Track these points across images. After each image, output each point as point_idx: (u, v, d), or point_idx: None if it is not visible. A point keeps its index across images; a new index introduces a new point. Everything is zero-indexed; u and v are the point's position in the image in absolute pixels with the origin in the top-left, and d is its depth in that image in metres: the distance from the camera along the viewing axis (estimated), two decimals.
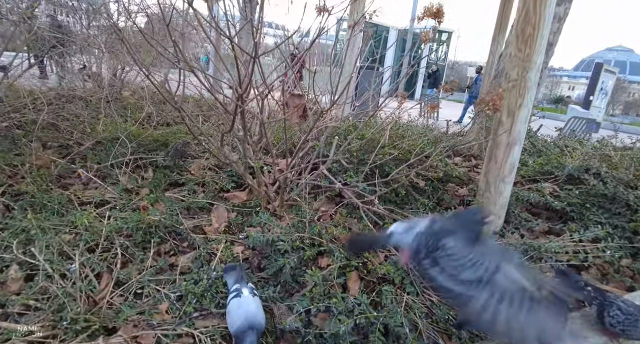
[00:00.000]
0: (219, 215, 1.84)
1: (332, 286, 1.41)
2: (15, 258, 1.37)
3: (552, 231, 1.97)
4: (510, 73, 1.80)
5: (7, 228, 1.57)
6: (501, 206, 1.92)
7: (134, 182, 2.14)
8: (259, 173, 1.92)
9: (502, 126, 1.83)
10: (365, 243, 1.39)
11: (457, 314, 1.38)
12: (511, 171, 1.88)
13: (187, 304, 1.32)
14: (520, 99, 1.78)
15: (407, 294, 1.43)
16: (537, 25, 1.71)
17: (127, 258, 1.53)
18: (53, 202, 1.79)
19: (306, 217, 1.69)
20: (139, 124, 2.99)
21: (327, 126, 1.84)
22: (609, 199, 1.91)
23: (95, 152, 2.36)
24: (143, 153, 2.37)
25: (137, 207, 1.88)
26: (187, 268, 1.52)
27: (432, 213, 2.04)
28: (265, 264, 1.54)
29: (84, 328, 1.14)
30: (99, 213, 1.77)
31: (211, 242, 1.67)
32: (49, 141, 2.54)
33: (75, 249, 1.45)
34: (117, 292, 1.35)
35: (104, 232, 1.55)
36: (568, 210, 1.92)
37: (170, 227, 1.70)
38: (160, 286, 1.41)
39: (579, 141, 3.01)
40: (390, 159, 2.00)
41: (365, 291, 1.44)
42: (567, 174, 2.15)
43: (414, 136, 2.68)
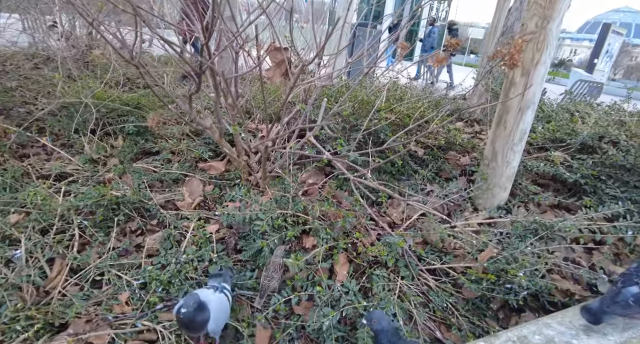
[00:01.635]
0: (193, 189, 1.65)
1: (316, 271, 1.24)
2: None
3: (560, 204, 1.80)
4: (528, 23, 1.54)
5: None
6: (508, 177, 1.74)
7: (102, 151, 1.92)
8: (238, 140, 1.70)
9: (515, 87, 1.60)
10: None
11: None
12: (522, 138, 1.67)
13: (151, 293, 1.15)
14: (537, 54, 1.54)
15: (401, 278, 1.27)
16: None
17: (85, 240, 1.35)
18: (6, 176, 1.58)
19: (290, 191, 1.50)
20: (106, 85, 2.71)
21: (315, 86, 1.60)
22: (627, 170, 1.72)
23: (58, 118, 2.11)
24: (112, 119, 2.13)
25: (102, 181, 1.68)
26: (154, 250, 1.35)
27: (431, 184, 1.85)
28: (243, 246, 1.37)
29: (27, 327, 0.98)
30: (57, 188, 1.57)
31: (183, 220, 1.48)
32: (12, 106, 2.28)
33: (23, 231, 1.27)
34: (71, 280, 1.18)
35: (59, 211, 1.35)
36: (582, 182, 1.73)
37: (137, 203, 1.51)
38: (123, 271, 1.24)
39: (590, 105, 2.77)
40: (386, 125, 1.78)
41: (355, 276, 1.28)
42: (580, 142, 1.94)
43: (413, 98, 2.44)
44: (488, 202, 1.77)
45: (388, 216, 1.58)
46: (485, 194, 1.74)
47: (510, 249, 1.32)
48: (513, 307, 1.20)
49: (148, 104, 2.25)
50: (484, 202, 1.77)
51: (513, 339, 0.96)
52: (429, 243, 1.43)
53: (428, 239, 1.43)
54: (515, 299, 1.16)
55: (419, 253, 1.33)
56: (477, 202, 1.78)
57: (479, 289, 1.21)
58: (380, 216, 1.56)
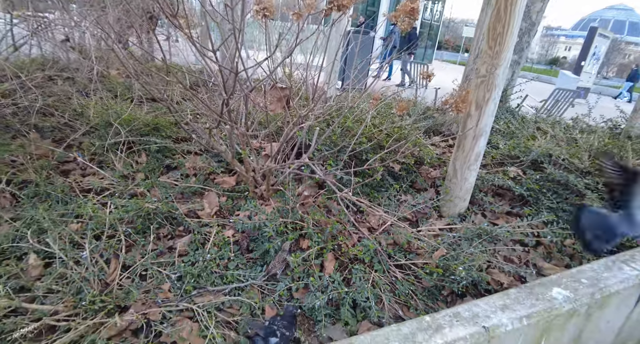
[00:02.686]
0: (211, 200, 2.02)
1: (310, 266, 1.63)
2: (31, 247, 1.55)
3: (512, 212, 2.20)
4: (480, 69, 1.93)
5: (18, 218, 1.74)
6: (466, 190, 2.13)
7: (129, 167, 2.29)
8: (246, 160, 2.08)
9: (471, 118, 1.99)
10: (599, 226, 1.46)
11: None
12: (476, 159, 2.06)
13: (186, 283, 1.54)
14: (488, 93, 1.93)
15: (374, 271, 1.67)
16: (507, 24, 1.82)
17: (130, 243, 1.72)
18: (56, 191, 1.94)
19: (289, 203, 1.89)
20: (127, 101, 3.07)
21: (309, 118, 1.97)
22: (562, 185, 2.12)
23: (89, 138, 2.48)
24: (135, 137, 2.50)
25: (134, 194, 2.06)
26: (184, 251, 1.73)
27: (405, 195, 2.24)
28: (253, 247, 1.75)
29: (101, 308, 1.36)
30: (100, 201, 1.94)
31: (204, 227, 1.86)
32: (43, 126, 2.64)
33: (84, 237, 1.64)
34: (124, 275, 1.56)
35: (108, 221, 1.73)
36: (526, 194, 2.13)
37: (166, 213, 1.88)
38: (162, 267, 1.62)
39: (553, 122, 3.17)
40: (369, 147, 2.16)
41: (339, 270, 1.67)
42: (531, 159, 2.34)
43: (394, 116, 2.82)
44: (451, 211, 2.16)
45: (368, 222, 1.97)
46: (448, 204, 2.13)
47: (457, 250, 1.72)
48: (457, 293, 1.60)
49: (166, 124, 2.62)
50: (447, 210, 2.16)
51: (450, 314, 1.35)
52: (398, 244, 1.82)
53: (397, 241, 1.82)
54: (458, 287, 1.56)
55: (389, 252, 1.73)
56: (442, 210, 2.18)
57: (432, 279, 1.61)
58: (361, 223, 1.95)
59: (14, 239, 1.63)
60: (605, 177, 1.53)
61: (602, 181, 1.82)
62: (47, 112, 2.87)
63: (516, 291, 1.46)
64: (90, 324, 1.29)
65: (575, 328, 1.51)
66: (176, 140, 2.65)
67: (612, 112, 3.67)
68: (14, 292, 1.36)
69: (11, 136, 2.50)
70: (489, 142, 2.79)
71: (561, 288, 1.48)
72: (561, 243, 1.91)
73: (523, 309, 1.37)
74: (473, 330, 1.25)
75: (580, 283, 1.51)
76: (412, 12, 1.72)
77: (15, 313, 1.31)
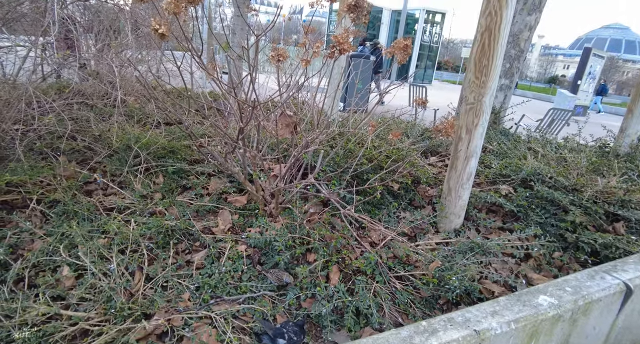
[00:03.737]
0: (224, 218, 2.19)
1: (317, 278, 1.78)
2: (64, 260, 1.72)
3: (504, 227, 2.35)
4: (468, 97, 2.12)
5: (51, 234, 1.91)
6: (461, 207, 2.29)
7: (147, 188, 2.48)
8: (256, 180, 2.27)
9: (462, 141, 2.17)
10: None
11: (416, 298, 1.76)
12: (469, 179, 2.23)
13: (204, 293, 1.69)
14: (476, 119, 2.12)
15: (376, 282, 1.81)
16: (491, 57, 2.03)
17: (151, 257, 1.88)
18: (83, 210, 2.12)
19: (297, 220, 2.05)
20: (143, 126, 3.29)
21: (314, 141, 2.16)
22: (549, 201, 2.28)
23: (111, 160, 2.68)
24: (153, 160, 2.69)
25: (154, 212, 2.23)
26: (201, 264, 1.89)
27: (404, 212, 2.41)
28: (264, 260, 1.91)
29: (129, 315, 1.51)
30: (123, 218, 2.12)
31: (219, 242, 2.03)
32: (65, 149, 2.85)
33: (111, 251, 1.81)
34: (147, 286, 1.71)
35: (131, 236, 1.89)
36: (516, 211, 2.29)
37: (184, 229, 2.05)
38: (181, 279, 1.77)
39: (545, 142, 3.35)
40: (369, 167, 2.34)
41: (343, 281, 1.82)
42: (521, 178, 2.51)
43: (394, 141, 3.02)
44: (447, 226, 2.32)
45: (369, 237, 2.13)
46: (444, 220, 2.29)
47: (451, 261, 1.87)
48: (453, 302, 1.74)
49: (181, 147, 2.83)
50: (443, 226, 2.32)
51: (444, 319, 1.49)
52: (397, 257, 1.97)
53: (397, 254, 1.97)
54: (452, 296, 1.70)
55: (389, 265, 1.88)
56: (439, 226, 2.33)
57: (429, 289, 1.75)
58: (363, 238, 2.11)
59: (48, 253, 1.79)
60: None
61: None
62: (69, 136, 3.09)
63: (505, 298, 1.61)
64: (120, 329, 1.44)
65: (562, 332, 1.64)
66: (190, 162, 2.85)
67: (601, 130, 3.85)
68: (51, 300, 1.51)
69: (42, 158, 2.71)
70: (483, 162, 2.96)
71: (547, 296, 1.62)
72: (549, 255, 2.05)
73: (511, 315, 1.51)
74: (465, 333, 1.39)
75: (564, 291, 1.65)
76: (405, 48, 1.93)
77: (54, 319, 1.47)
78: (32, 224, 2.07)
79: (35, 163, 2.47)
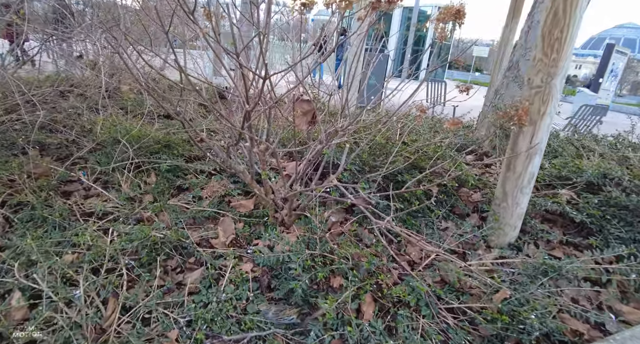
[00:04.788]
0: (226, 227, 1.78)
1: (345, 310, 1.36)
2: (17, 283, 1.32)
3: (570, 242, 1.91)
4: (534, 79, 1.69)
5: (7, 247, 1.51)
6: (518, 216, 1.86)
7: (136, 188, 2.07)
8: (265, 181, 1.85)
9: (523, 135, 1.74)
10: None
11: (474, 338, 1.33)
12: (530, 181, 1.80)
13: (197, 330, 1.28)
14: (543, 107, 1.68)
15: (422, 317, 1.39)
16: (566, 27, 1.59)
17: (132, 278, 1.48)
18: (54, 215, 1.72)
19: (316, 232, 1.63)
20: (136, 118, 2.90)
21: (337, 132, 1.74)
22: (630, 211, 1.84)
23: (95, 155, 2.28)
24: (145, 156, 2.29)
25: (141, 219, 1.83)
26: (195, 288, 1.48)
27: (446, 221, 1.98)
28: (276, 284, 1.49)
29: None
30: (101, 227, 1.71)
31: (219, 258, 1.61)
32: (47, 142, 2.46)
33: (79, 271, 1.40)
34: (124, 318, 1.30)
35: (108, 252, 1.49)
36: (588, 222, 1.85)
37: (176, 242, 1.64)
38: (169, 309, 1.36)
39: (595, 138, 2.90)
40: (403, 167, 1.91)
41: (380, 315, 1.40)
42: (585, 181, 2.07)
43: (425, 134, 2.59)
44: (500, 240, 1.88)
45: (407, 254, 1.70)
46: (497, 232, 1.86)
47: (521, 290, 1.44)
48: None
49: (178, 142, 2.42)
50: (496, 239, 1.88)
51: None
52: (447, 283, 1.54)
53: (446, 278, 1.54)
54: (528, 339, 1.27)
55: (438, 293, 1.45)
56: (490, 240, 1.90)
57: (494, 328, 1.32)
58: (400, 255, 1.68)
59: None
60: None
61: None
62: (54, 129, 2.70)
63: None
64: None
65: None
66: (188, 159, 2.44)
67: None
68: None
69: (13, 154, 2.32)
70: None
71: None
72: (639, 281, 1.60)
73: None
74: None
75: None
76: (458, 14, 1.51)
77: None
78: None
79: (3, 158, 2.08)
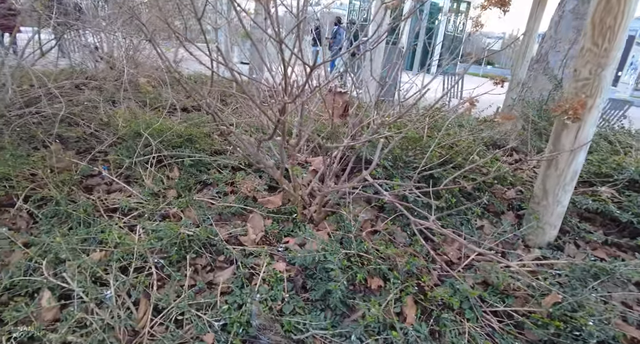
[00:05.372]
0: (255, 224, 1.72)
1: (387, 313, 1.29)
2: (46, 282, 1.27)
3: (611, 242, 1.82)
4: (581, 70, 1.59)
5: (33, 243, 1.47)
6: (558, 215, 1.77)
7: (160, 183, 2.02)
8: (294, 177, 1.78)
9: (567, 129, 1.64)
10: None
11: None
12: (573, 178, 1.71)
13: (233, 334, 1.22)
14: (591, 100, 1.58)
15: (467, 321, 1.32)
16: (620, 15, 1.49)
17: (162, 277, 1.43)
18: (78, 211, 1.68)
19: (350, 230, 1.56)
20: (158, 112, 2.85)
21: (372, 125, 1.66)
22: None
23: (116, 149, 2.23)
24: (167, 149, 2.24)
25: (166, 215, 1.78)
26: (227, 288, 1.42)
27: (481, 219, 1.89)
28: (311, 285, 1.43)
29: None
30: (127, 223, 1.67)
31: (249, 256, 1.55)
32: (67, 136, 2.42)
33: (108, 269, 1.35)
34: (156, 320, 1.25)
35: (136, 250, 1.44)
36: (635, 222, 1.75)
37: (205, 240, 1.59)
38: (202, 311, 1.31)
39: (629, 133, 2.78)
40: (437, 162, 1.83)
41: (423, 319, 1.33)
42: (628, 178, 1.97)
43: (452, 128, 2.50)
44: (539, 239, 1.79)
45: (445, 254, 1.63)
46: (536, 231, 1.77)
47: (570, 293, 1.36)
48: None
49: (200, 135, 2.36)
50: (534, 238, 1.80)
51: None
52: (489, 284, 1.46)
53: (488, 280, 1.47)
54: None
55: (483, 295, 1.37)
56: (528, 239, 1.81)
57: (545, 334, 1.25)
58: (437, 254, 1.61)
59: (27, 270, 1.35)
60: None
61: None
62: (73, 122, 2.66)
63: None
64: None
65: None
66: (211, 153, 2.38)
67: None
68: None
69: (34, 147, 2.28)
70: None
71: None
72: None
73: None
74: None
75: None
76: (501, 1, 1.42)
77: None
78: (14, 228, 1.64)
79: (24, 152, 2.03)
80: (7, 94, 2.21)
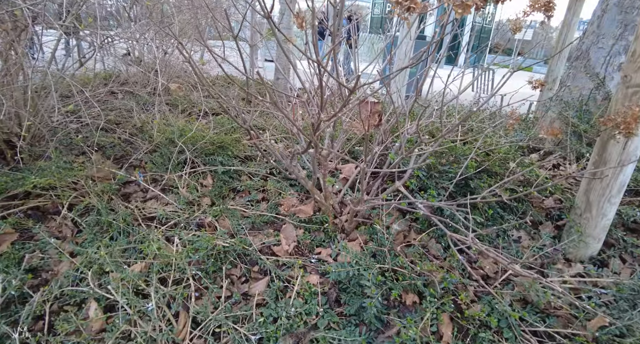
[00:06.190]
0: (287, 234, 1.74)
1: (423, 330, 1.28)
2: (92, 293, 1.33)
3: None
4: (632, 76, 1.49)
5: (78, 253, 1.54)
6: (602, 228, 1.68)
7: (194, 191, 2.07)
8: (326, 187, 1.78)
9: (614, 138, 1.55)
10: None
11: None
12: (620, 190, 1.62)
13: None
14: None
15: (506, 341, 1.28)
16: None
17: (199, 288, 1.46)
18: (118, 221, 1.74)
19: (384, 243, 1.55)
20: (188, 116, 2.91)
21: (405, 134, 1.63)
22: None
23: (151, 157, 2.30)
24: (199, 157, 2.28)
25: (202, 224, 1.82)
26: (262, 300, 1.44)
27: (518, 230, 1.83)
28: (345, 299, 1.43)
29: None
30: (165, 232, 1.72)
31: (283, 267, 1.57)
32: (104, 143, 2.51)
33: (148, 281, 1.40)
34: (195, 333, 1.29)
35: (174, 262, 1.48)
36: None
37: (240, 251, 1.62)
38: (238, 324, 1.34)
39: None
40: (474, 172, 1.78)
41: (460, 338, 1.30)
42: None
43: (485, 129, 2.42)
44: (580, 253, 1.72)
45: (481, 268, 1.59)
46: (578, 244, 1.70)
47: (617, 315, 1.29)
48: None
49: (231, 142, 2.40)
50: (575, 252, 1.72)
51: None
52: (529, 302, 1.42)
53: (527, 298, 1.42)
54: None
55: (523, 314, 1.33)
56: (568, 252, 1.74)
57: None
58: (473, 269, 1.57)
59: (74, 280, 1.42)
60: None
61: None
62: (108, 129, 2.76)
63: None
64: None
65: None
66: (242, 159, 2.42)
67: None
68: None
69: (75, 154, 2.38)
70: None
71: None
72: None
73: None
74: None
75: None
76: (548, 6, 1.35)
77: None
78: (61, 237, 1.73)
79: (68, 161, 2.13)
80: (53, 101, 2.32)
